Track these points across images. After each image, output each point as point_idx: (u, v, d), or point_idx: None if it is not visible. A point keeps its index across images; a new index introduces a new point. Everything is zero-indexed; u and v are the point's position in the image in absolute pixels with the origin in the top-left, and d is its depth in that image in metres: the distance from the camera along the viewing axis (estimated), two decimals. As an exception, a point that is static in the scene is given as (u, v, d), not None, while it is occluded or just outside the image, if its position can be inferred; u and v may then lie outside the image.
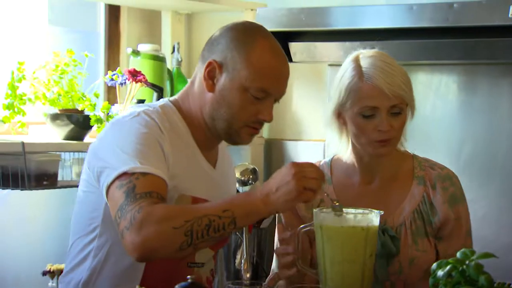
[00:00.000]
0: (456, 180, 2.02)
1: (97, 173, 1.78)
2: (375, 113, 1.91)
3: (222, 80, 1.80)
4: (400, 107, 1.92)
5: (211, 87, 1.82)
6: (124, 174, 1.70)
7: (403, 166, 2.03)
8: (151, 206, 1.63)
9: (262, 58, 1.79)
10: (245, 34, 1.82)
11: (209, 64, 1.81)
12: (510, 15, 2.48)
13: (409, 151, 2.07)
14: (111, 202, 1.71)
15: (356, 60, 1.94)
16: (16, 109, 2.81)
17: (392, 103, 1.90)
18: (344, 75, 1.95)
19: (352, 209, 1.90)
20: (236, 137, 1.85)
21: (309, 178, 1.65)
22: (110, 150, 1.77)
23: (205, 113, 1.85)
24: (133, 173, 1.69)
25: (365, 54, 1.95)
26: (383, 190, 2.01)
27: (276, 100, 1.86)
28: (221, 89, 1.81)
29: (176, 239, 1.62)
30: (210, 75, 1.81)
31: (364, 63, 1.93)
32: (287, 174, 1.65)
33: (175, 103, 1.90)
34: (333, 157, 2.08)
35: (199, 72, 1.86)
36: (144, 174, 1.69)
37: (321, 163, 2.09)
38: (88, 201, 1.85)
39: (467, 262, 1.43)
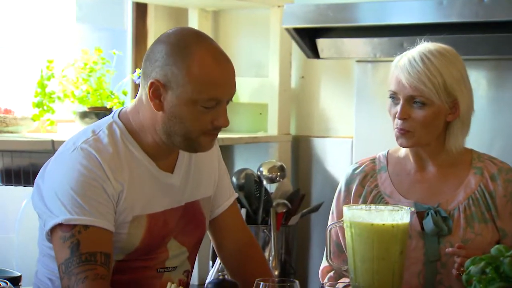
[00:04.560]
0: None
1: (38, 214, 1.81)
2: (397, 100, 1.99)
3: (169, 98, 1.76)
4: (421, 100, 1.96)
5: (158, 106, 1.78)
6: (63, 225, 1.72)
7: (460, 156, 2.07)
8: (92, 284, 1.69)
9: (203, 68, 1.74)
10: (180, 46, 1.76)
11: (152, 84, 1.76)
12: (541, 9, 2.45)
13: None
14: (55, 249, 1.75)
15: (408, 50, 2.03)
16: (45, 107, 2.83)
17: (409, 93, 1.97)
18: None
19: (382, 206, 1.89)
20: (197, 147, 1.82)
21: None
22: (49, 194, 1.77)
23: (159, 130, 1.80)
24: (75, 225, 1.72)
25: (418, 46, 2.02)
26: (438, 177, 2.06)
27: (228, 101, 1.81)
28: (170, 106, 1.77)
29: None
30: (155, 95, 1.77)
31: (406, 53, 2.02)
32: None
33: (124, 120, 1.85)
34: (388, 150, 2.15)
35: (143, 89, 1.81)
36: (86, 227, 1.72)
37: (378, 155, 2.14)
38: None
39: (501, 258, 1.42)
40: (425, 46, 2.01)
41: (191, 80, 1.74)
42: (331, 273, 2.08)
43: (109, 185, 1.77)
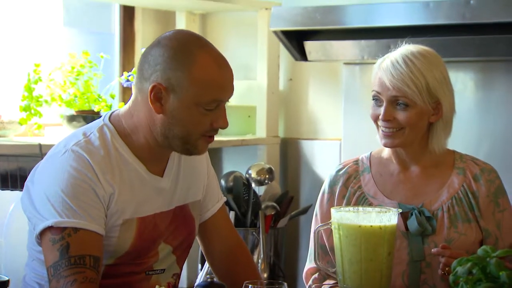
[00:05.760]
0: (498, 174, 2.08)
1: (28, 217, 1.80)
2: (380, 102, 2.01)
3: (171, 101, 1.77)
4: (404, 102, 1.98)
5: (159, 109, 1.78)
6: (53, 227, 1.72)
7: (443, 157, 2.08)
8: (81, 287, 1.68)
9: (205, 72, 1.77)
10: (182, 50, 1.77)
11: (153, 87, 1.77)
12: (527, 11, 2.47)
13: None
14: (44, 251, 1.74)
15: (389, 52, 2.04)
16: (32, 111, 2.82)
17: (392, 94, 1.98)
18: None
19: (369, 208, 1.90)
20: (194, 149, 1.83)
21: None
22: (39, 197, 1.77)
23: (156, 133, 1.81)
24: (65, 228, 1.71)
25: (400, 48, 2.03)
26: (422, 178, 2.07)
27: (227, 102, 1.84)
28: (171, 109, 1.78)
29: None
30: (157, 98, 1.78)
31: (389, 55, 2.03)
32: None
33: (115, 122, 1.85)
34: (371, 152, 2.16)
35: (140, 91, 1.82)
36: (75, 229, 1.72)
37: (360, 157, 2.15)
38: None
39: (488, 259, 1.42)
40: (407, 48, 2.02)
41: (194, 83, 1.76)
42: (316, 275, 2.08)
43: (100, 188, 1.77)
